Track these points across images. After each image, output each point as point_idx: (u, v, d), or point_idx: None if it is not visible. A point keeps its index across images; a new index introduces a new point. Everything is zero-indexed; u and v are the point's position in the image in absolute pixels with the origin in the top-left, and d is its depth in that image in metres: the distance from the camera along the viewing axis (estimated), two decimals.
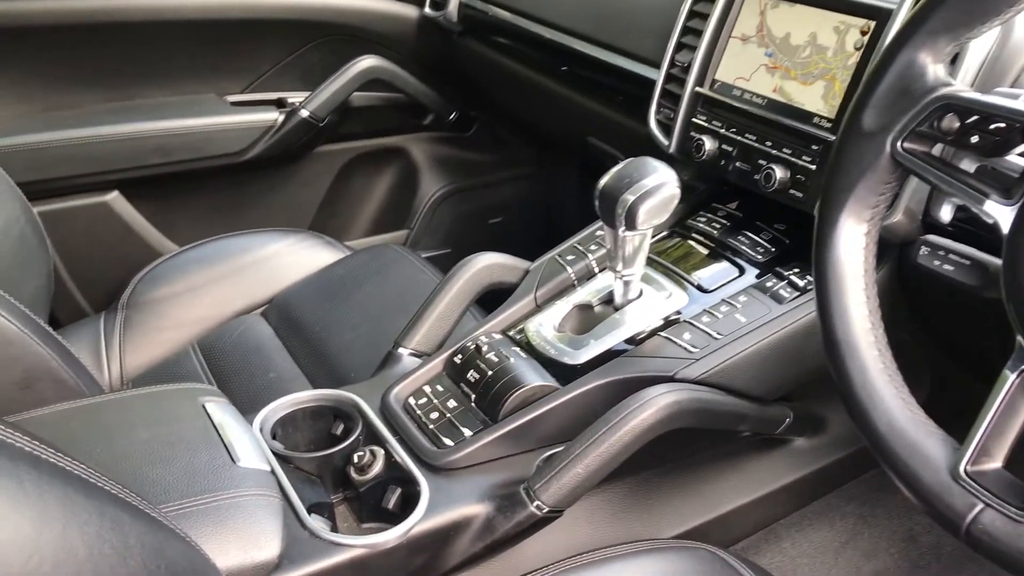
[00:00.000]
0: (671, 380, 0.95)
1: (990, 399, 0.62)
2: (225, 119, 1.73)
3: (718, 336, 0.98)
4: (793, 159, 1.05)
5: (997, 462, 0.63)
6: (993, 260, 0.83)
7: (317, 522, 0.88)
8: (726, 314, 1.00)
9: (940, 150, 0.70)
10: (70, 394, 0.97)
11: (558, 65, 1.61)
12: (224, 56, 1.80)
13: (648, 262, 1.06)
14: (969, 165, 0.69)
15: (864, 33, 1.00)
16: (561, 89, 1.61)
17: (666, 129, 1.23)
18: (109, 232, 1.70)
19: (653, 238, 1.09)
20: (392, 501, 0.92)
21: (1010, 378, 0.62)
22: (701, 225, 1.17)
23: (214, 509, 0.78)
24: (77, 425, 0.84)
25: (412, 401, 1.02)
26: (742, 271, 1.08)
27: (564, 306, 1.09)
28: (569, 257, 1.15)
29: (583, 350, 1.01)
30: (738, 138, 1.12)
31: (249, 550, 0.77)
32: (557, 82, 1.61)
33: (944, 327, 1.06)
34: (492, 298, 1.19)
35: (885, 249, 0.92)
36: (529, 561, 0.94)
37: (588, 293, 1.10)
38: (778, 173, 1.05)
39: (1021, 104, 0.65)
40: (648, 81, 1.29)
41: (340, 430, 1.01)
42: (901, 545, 1.19)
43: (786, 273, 1.04)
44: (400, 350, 1.11)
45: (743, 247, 1.11)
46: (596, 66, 1.46)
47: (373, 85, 1.87)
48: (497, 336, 1.06)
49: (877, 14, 0.98)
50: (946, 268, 0.87)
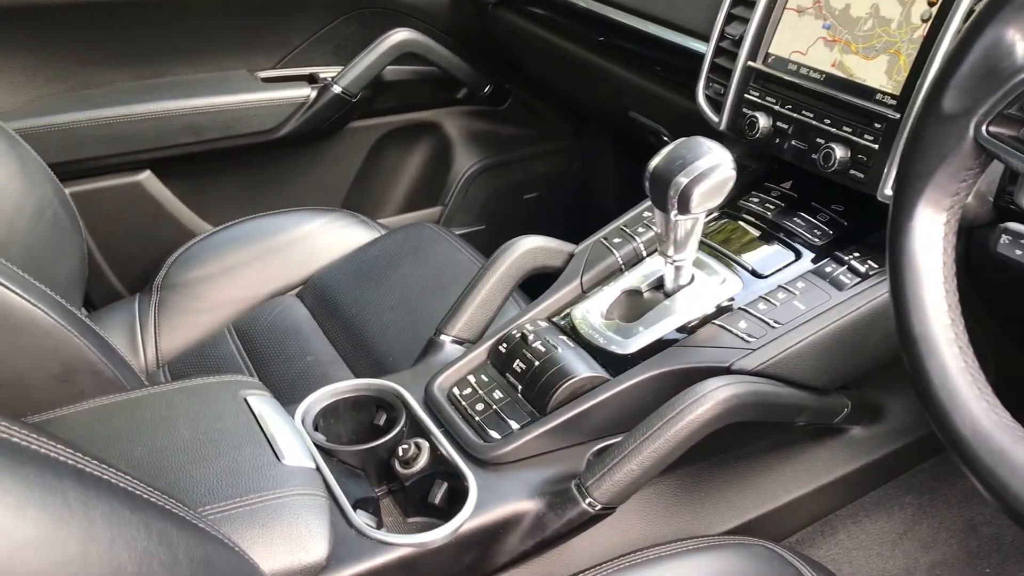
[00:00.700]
0: (727, 371, 0.91)
1: None
2: (257, 96, 1.69)
3: (776, 325, 0.94)
4: (854, 138, 1.00)
5: None
6: None
7: (363, 518, 0.86)
8: (783, 301, 0.96)
9: None
10: (109, 386, 0.95)
11: (596, 36, 1.55)
12: (255, 31, 1.77)
13: (699, 246, 1.02)
14: None
15: (932, 4, 0.94)
16: (602, 62, 1.55)
17: (716, 105, 1.18)
18: (142, 212, 1.68)
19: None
20: (439, 496, 0.90)
21: None
22: (753, 206, 1.13)
23: (260, 510, 0.75)
24: (118, 422, 0.82)
25: (456, 392, 0.99)
26: (798, 255, 1.04)
27: (612, 292, 1.05)
28: (616, 240, 1.11)
29: (633, 339, 0.98)
30: (794, 115, 1.06)
31: (296, 552, 0.75)
32: (597, 54, 1.56)
33: (1016, 315, 1.01)
34: (535, 282, 1.15)
35: None
36: (579, 558, 0.92)
37: (636, 278, 1.06)
38: (838, 152, 1.00)
39: None
40: (695, 54, 1.23)
41: (383, 420, 0.99)
42: (960, 535, 1.15)
43: (846, 258, 0.99)
44: (442, 337, 1.08)
45: (799, 229, 1.06)
46: (639, 38, 1.41)
47: (406, 59, 1.83)
48: (543, 324, 1.03)
49: None
50: None
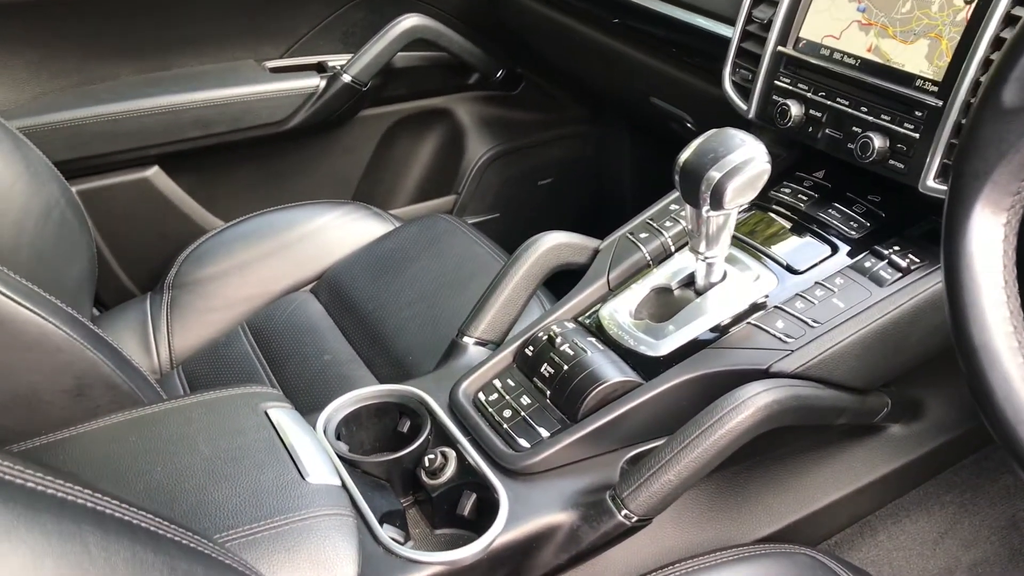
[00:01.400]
0: (765, 373, 0.87)
1: None
2: (265, 87, 1.65)
3: (815, 324, 0.90)
4: (893, 127, 0.95)
5: None
6: None
7: (390, 533, 0.83)
8: (822, 299, 0.92)
9: None
10: (124, 399, 0.92)
11: (610, 18, 1.50)
12: (261, 19, 1.72)
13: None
14: None
15: None
16: (621, 46, 1.50)
17: (743, 92, 1.13)
18: (151, 209, 1.65)
19: None
20: (467, 508, 0.87)
21: None
22: (785, 197, 1.08)
23: (285, 533, 0.72)
24: (135, 440, 0.79)
25: (482, 397, 0.96)
26: (835, 249, 0.99)
27: (640, 290, 1.02)
28: (642, 235, 1.07)
29: (665, 340, 0.94)
30: (828, 103, 1.02)
31: None
32: (616, 39, 1.51)
33: None
34: (557, 278, 1.12)
35: None
36: (612, 569, 0.89)
37: (666, 275, 1.02)
38: (876, 142, 0.96)
39: None
40: (721, 39, 1.19)
41: (407, 427, 0.96)
42: (1002, 533, 1.12)
43: (885, 252, 0.95)
44: (465, 339, 1.05)
45: (834, 221, 1.02)
46: (660, 21, 1.36)
47: (416, 44, 1.78)
48: (570, 325, 0.99)
49: None
50: None
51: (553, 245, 1.08)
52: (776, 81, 1.08)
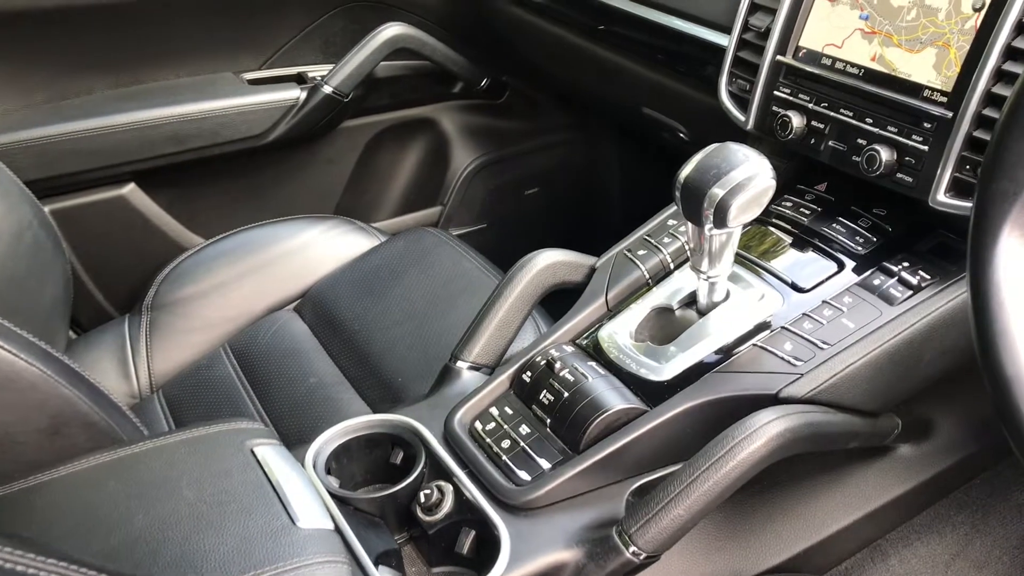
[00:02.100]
0: (775, 399, 0.84)
1: None
2: (243, 100, 1.60)
3: (824, 346, 0.86)
4: (900, 139, 0.92)
5: None
6: None
7: (386, 575, 0.78)
8: (830, 319, 0.89)
9: None
10: (102, 437, 0.87)
11: (596, 25, 1.47)
12: (238, 30, 1.67)
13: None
14: None
15: None
16: (612, 55, 1.46)
17: (741, 102, 1.10)
18: (128, 227, 1.60)
19: None
20: (466, 546, 0.83)
21: None
22: (786, 211, 1.05)
23: None
24: (115, 485, 0.75)
25: (479, 426, 0.92)
26: (841, 265, 0.96)
27: (640, 310, 0.98)
28: (640, 252, 1.04)
29: (668, 364, 0.91)
30: (831, 114, 0.99)
31: None
32: (607, 48, 1.47)
33: None
34: (551, 297, 1.08)
35: None
36: None
37: (666, 295, 0.99)
38: (883, 155, 0.92)
39: None
40: (715, 47, 1.15)
41: (400, 458, 0.92)
42: (1014, 552, 1.09)
43: (895, 268, 0.92)
44: (458, 364, 1.01)
45: (839, 237, 0.99)
46: (651, 29, 1.32)
47: (398, 54, 1.74)
48: (568, 348, 0.96)
49: None
50: None
51: (548, 264, 1.04)
52: (775, 91, 1.04)
